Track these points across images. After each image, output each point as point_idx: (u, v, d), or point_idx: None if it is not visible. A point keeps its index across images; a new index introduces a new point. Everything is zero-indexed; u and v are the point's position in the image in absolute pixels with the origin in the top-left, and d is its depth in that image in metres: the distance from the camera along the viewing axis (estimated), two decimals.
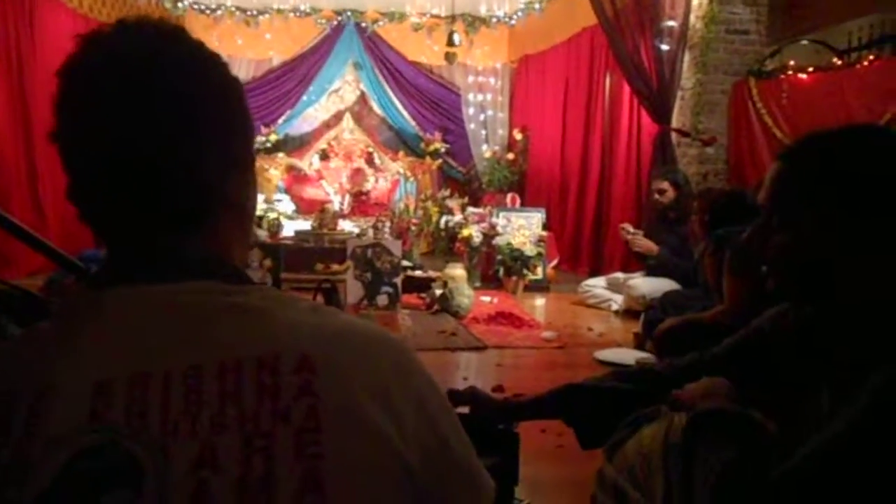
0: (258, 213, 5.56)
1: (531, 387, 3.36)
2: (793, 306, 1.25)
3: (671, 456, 1.18)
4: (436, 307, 4.83)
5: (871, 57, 4.87)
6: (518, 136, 8.31)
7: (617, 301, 5.10)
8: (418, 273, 5.39)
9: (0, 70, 5.73)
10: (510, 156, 8.25)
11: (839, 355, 1.06)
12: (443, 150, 8.56)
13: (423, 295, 5.04)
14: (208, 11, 8.17)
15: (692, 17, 5.44)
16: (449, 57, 6.96)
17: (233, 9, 8.20)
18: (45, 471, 0.54)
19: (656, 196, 4.99)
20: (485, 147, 8.58)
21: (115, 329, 0.61)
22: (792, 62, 5.26)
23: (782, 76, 5.14)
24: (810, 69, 5.05)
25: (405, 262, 5.29)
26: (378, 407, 0.59)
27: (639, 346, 3.95)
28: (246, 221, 0.74)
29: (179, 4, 8.01)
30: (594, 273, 6.32)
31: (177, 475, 0.54)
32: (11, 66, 5.86)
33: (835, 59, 5.18)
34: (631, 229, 5.01)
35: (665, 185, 4.95)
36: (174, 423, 0.56)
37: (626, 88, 5.98)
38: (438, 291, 4.93)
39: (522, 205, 7.30)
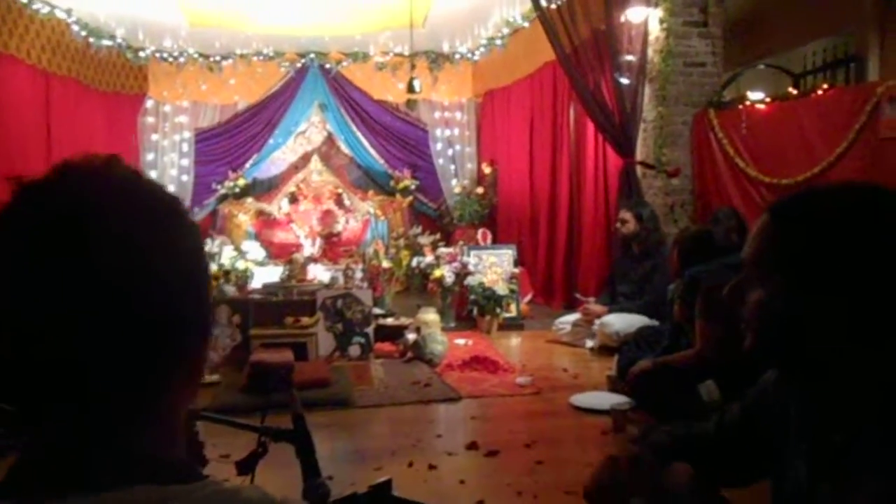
0: (226, 266, 5.49)
1: (506, 440, 3.33)
2: (775, 383, 1.22)
3: None
4: (409, 355, 4.78)
5: (826, 86, 4.95)
6: (487, 169, 8.34)
7: (591, 338, 5.08)
8: (390, 321, 5.34)
9: None
10: (479, 190, 8.27)
11: (821, 429, 1.03)
12: (413, 186, 8.57)
13: (397, 342, 4.99)
14: (171, 59, 8.15)
15: (650, 52, 5.51)
16: (410, 103, 7.01)
17: (196, 55, 8.20)
18: None
19: (618, 225, 5.09)
20: (454, 182, 8.60)
21: None
22: (749, 92, 5.34)
23: (740, 106, 5.22)
24: (767, 99, 5.13)
25: (377, 310, 5.25)
26: None
27: (613, 388, 3.92)
28: (194, 383, 0.68)
29: (141, 54, 7.97)
30: (568, 306, 6.34)
31: None
32: None
33: (790, 89, 5.27)
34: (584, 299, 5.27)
35: (628, 215, 5.03)
36: None
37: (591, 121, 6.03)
38: (412, 336, 4.88)
39: (494, 239, 7.31)
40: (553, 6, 5.68)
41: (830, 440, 0.98)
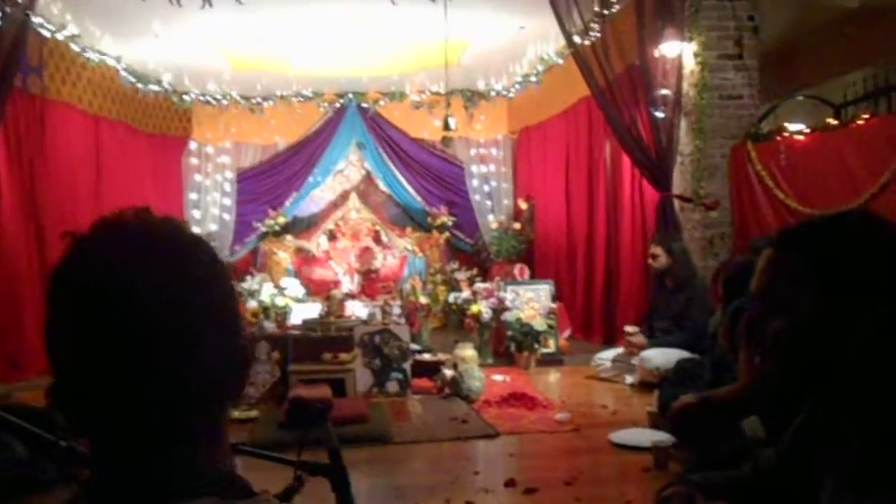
0: (266, 303, 5.57)
1: (545, 478, 3.28)
2: (806, 411, 1.21)
3: None
4: (447, 391, 4.77)
5: (867, 115, 4.87)
6: (523, 205, 8.36)
7: (631, 374, 5.01)
8: (427, 357, 5.34)
9: (12, 171, 5.86)
10: (516, 225, 8.29)
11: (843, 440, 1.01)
12: (450, 223, 8.62)
13: (435, 378, 4.98)
14: (214, 101, 8.41)
15: (685, 85, 5.50)
16: (445, 141, 7.07)
17: (238, 98, 8.44)
18: None
19: (650, 260, 5.05)
20: (491, 217, 8.64)
21: None
22: (787, 124, 5.28)
23: (779, 138, 5.15)
24: (806, 130, 5.06)
25: (414, 346, 5.25)
26: None
27: (654, 424, 3.84)
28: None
29: (186, 97, 8.25)
30: (608, 341, 6.26)
31: None
32: (23, 167, 6.00)
33: (829, 120, 5.20)
34: (630, 330, 5.12)
35: (658, 250, 4.99)
36: None
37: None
38: (449, 373, 4.87)
39: (532, 274, 7.29)
40: (587, 42, 5.73)
41: (851, 448, 0.97)
